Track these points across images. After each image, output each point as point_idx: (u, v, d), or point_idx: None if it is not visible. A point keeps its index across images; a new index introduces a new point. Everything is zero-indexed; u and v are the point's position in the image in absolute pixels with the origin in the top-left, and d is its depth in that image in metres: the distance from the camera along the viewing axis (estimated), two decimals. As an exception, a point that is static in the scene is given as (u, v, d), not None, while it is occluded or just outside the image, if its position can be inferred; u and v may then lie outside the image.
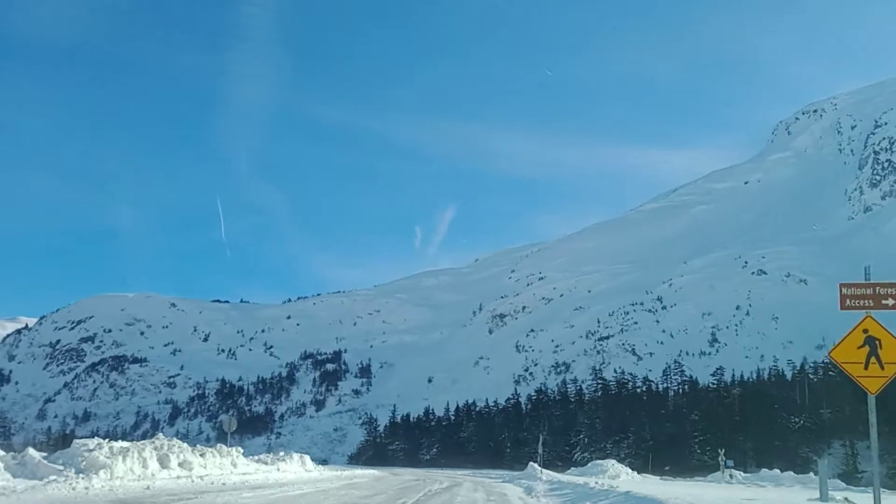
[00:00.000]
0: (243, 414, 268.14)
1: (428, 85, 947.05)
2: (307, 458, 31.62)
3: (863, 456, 74.25)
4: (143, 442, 18.78)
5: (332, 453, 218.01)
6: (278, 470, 25.97)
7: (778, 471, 43.89)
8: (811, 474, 45.57)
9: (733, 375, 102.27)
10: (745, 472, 47.44)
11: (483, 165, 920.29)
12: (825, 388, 79.76)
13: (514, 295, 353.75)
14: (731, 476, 40.41)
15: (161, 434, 21.36)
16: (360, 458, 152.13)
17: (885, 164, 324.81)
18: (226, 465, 20.38)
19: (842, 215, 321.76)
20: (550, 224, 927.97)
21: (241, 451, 24.03)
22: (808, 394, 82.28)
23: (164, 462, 17.22)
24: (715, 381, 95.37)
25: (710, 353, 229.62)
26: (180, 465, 17.92)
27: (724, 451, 41.52)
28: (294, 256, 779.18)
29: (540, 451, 41.37)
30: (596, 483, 23.22)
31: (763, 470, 42.09)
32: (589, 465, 43.96)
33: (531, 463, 38.98)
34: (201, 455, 19.54)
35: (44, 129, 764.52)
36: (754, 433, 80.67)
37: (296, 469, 27.95)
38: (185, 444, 19.87)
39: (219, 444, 22.63)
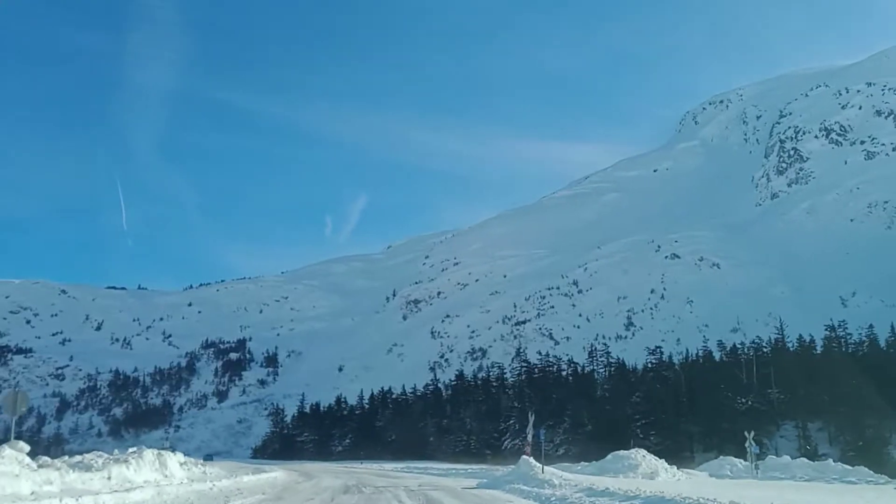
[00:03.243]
0: (139, 406, 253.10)
1: (339, 73, 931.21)
2: (171, 457, 20.57)
3: (815, 437, 69.29)
4: None
5: (236, 446, 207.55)
6: (108, 479, 15.48)
7: (788, 457, 36.13)
8: (803, 458, 38.34)
9: (661, 356, 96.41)
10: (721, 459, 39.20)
11: (395, 155, 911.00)
12: (774, 368, 74.09)
13: (429, 280, 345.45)
14: (756, 467, 32.06)
15: None
16: (266, 451, 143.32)
17: (791, 153, 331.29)
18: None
19: (749, 202, 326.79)
20: (464, 214, 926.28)
21: (26, 448, 13.63)
22: (756, 374, 76.49)
23: None
24: (654, 361, 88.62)
25: (626, 337, 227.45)
26: None
27: (752, 434, 33.21)
28: (198, 243, 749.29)
29: (529, 438, 31.18)
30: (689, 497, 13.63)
31: (770, 457, 34.30)
32: (609, 457, 34.78)
33: (524, 457, 28.54)
34: None
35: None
36: (700, 415, 74.40)
37: (145, 478, 17.36)
38: None
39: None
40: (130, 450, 20.21)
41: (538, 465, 26.89)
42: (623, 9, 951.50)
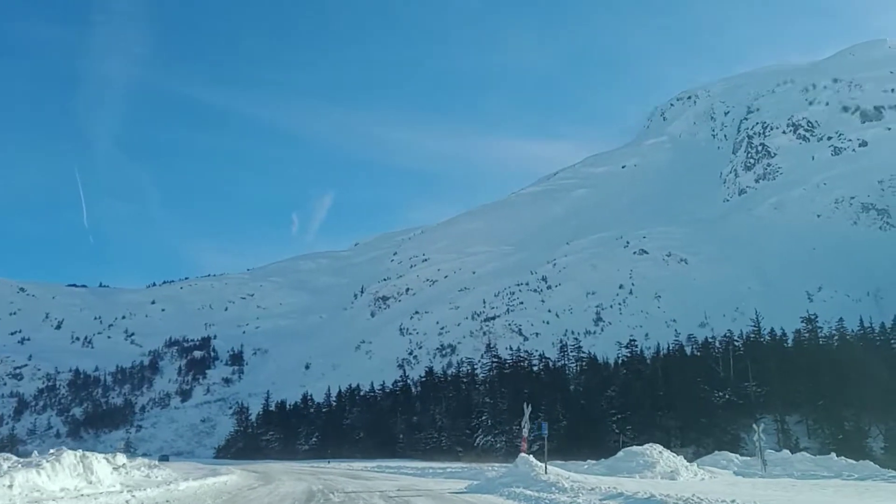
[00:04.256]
0: (99, 406, 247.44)
1: (307, 70, 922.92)
2: (99, 460, 17.32)
3: (794, 431, 68.09)
4: None
5: (199, 446, 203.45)
6: (9, 487, 12.54)
7: (788, 452, 34.06)
8: (803, 453, 36.32)
9: (634, 350, 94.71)
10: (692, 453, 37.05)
11: (363, 153, 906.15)
12: (750, 362, 72.70)
13: (398, 277, 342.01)
14: (765, 463, 29.76)
15: None
16: (230, 450, 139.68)
17: (759, 148, 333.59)
18: None
19: (717, 197, 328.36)
20: (432, 210, 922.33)
21: None
22: (732, 368, 75.03)
23: None
24: (628, 355, 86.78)
25: (595, 332, 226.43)
26: None
27: (761, 427, 30.82)
28: (161, 240, 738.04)
29: (525, 433, 28.11)
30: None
31: (768, 451, 32.21)
32: (621, 454, 32.18)
33: (523, 455, 25.22)
34: None
35: None
36: (677, 410, 72.74)
37: (62, 485, 14.28)
38: None
39: None
40: (50, 451, 17.18)
41: (540, 464, 23.73)
42: (590, 7, 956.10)
